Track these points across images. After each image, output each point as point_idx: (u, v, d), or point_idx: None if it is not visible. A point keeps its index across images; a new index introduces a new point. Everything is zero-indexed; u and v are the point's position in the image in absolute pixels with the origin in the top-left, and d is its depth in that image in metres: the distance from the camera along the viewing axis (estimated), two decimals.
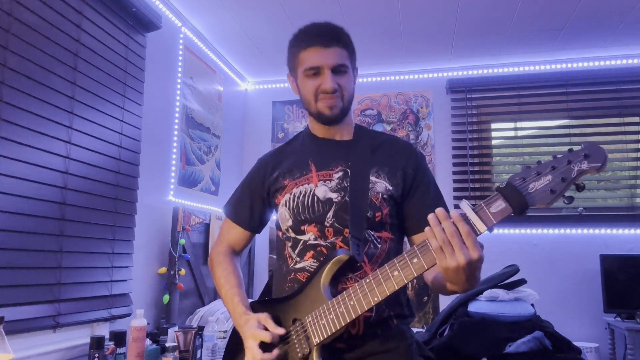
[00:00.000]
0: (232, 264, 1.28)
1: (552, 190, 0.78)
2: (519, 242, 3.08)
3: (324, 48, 1.13)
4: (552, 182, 0.78)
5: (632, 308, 2.64)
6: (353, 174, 1.14)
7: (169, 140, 2.52)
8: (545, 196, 0.78)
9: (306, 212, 1.14)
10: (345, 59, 1.16)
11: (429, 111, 3.37)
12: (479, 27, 2.78)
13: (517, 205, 0.79)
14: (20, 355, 1.49)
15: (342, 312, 0.97)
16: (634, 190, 3.06)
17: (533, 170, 0.80)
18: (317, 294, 1.03)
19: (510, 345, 1.97)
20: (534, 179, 0.79)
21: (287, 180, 1.19)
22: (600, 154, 0.76)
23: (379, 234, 1.13)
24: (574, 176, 0.77)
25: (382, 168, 1.16)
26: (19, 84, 1.55)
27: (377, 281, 0.93)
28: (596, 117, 3.20)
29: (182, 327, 2.02)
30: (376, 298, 0.93)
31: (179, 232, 2.38)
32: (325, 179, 1.16)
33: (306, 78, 1.16)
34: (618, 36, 2.86)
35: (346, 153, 1.18)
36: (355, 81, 1.23)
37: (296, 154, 1.24)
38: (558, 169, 0.79)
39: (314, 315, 1.02)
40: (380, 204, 1.12)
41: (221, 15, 2.65)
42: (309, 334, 1.02)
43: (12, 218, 1.51)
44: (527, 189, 0.79)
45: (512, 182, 0.80)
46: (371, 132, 1.28)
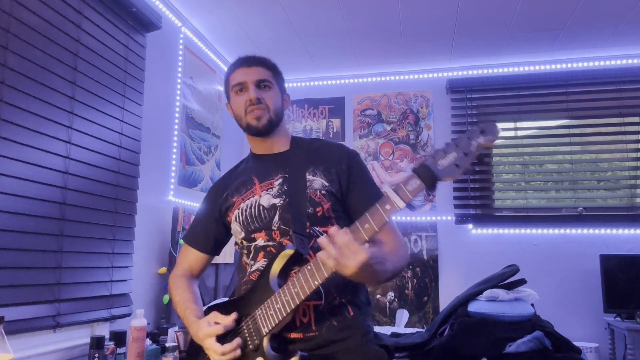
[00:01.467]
0: (186, 283, 1.36)
1: (456, 164, 0.86)
2: (519, 242, 3.08)
3: (247, 67, 1.29)
4: (457, 157, 0.86)
5: (632, 308, 2.64)
6: (290, 177, 1.23)
7: (169, 140, 2.52)
8: (451, 169, 0.86)
9: (254, 221, 1.23)
10: (269, 77, 1.30)
11: (429, 111, 3.37)
12: (479, 27, 2.78)
13: (428, 181, 0.87)
14: (20, 355, 1.49)
15: (287, 300, 1.02)
16: (634, 190, 3.06)
17: (441, 150, 0.88)
18: (266, 288, 1.09)
19: (510, 345, 1.97)
20: (442, 156, 0.87)
21: (235, 197, 1.29)
22: (494, 128, 0.86)
23: (325, 229, 1.18)
24: (473, 150, 0.86)
25: (318, 167, 1.24)
26: (19, 84, 1.55)
27: (317, 266, 0.98)
28: (596, 117, 3.20)
29: (182, 327, 2.02)
30: (317, 282, 0.98)
31: (179, 232, 2.38)
32: (267, 188, 1.25)
33: (235, 96, 1.30)
34: (618, 36, 2.86)
35: (283, 161, 1.28)
36: (283, 102, 1.34)
37: (242, 174, 1.34)
38: (460, 146, 0.86)
39: (263, 308, 1.08)
40: (319, 199, 1.20)
41: (221, 15, 2.65)
42: (259, 325, 1.07)
43: (12, 218, 1.51)
44: (436, 166, 0.87)
45: (424, 162, 0.89)
46: (306, 140, 1.37)
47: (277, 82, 1.33)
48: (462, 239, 3.17)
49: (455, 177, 0.88)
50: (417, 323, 3.09)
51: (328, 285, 1.12)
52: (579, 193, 3.13)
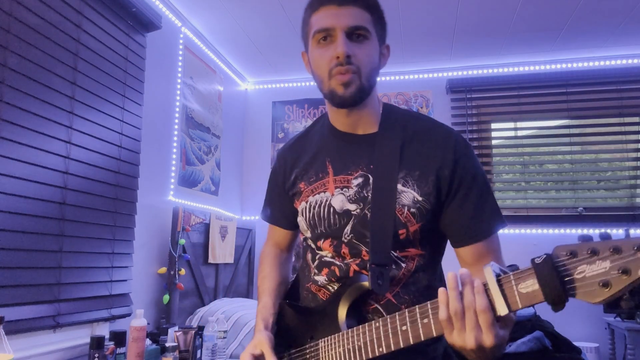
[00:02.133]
0: (271, 264, 1.20)
1: (604, 283, 0.56)
2: (519, 242, 3.07)
3: (338, 7, 0.93)
4: (609, 272, 0.56)
5: (632, 308, 2.64)
6: (376, 181, 0.95)
7: (169, 140, 2.52)
8: (594, 291, 0.56)
9: (322, 224, 1.01)
10: (366, 22, 0.94)
11: (429, 111, 3.37)
12: (479, 27, 2.78)
13: (551, 295, 0.59)
14: (20, 355, 1.49)
15: (349, 350, 0.87)
16: (634, 190, 3.06)
17: (587, 246, 0.59)
18: (333, 319, 0.94)
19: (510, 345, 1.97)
20: (587, 260, 0.58)
21: (303, 183, 1.06)
22: None
23: (404, 254, 0.95)
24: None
25: (412, 173, 0.95)
26: (19, 84, 1.55)
27: (385, 331, 0.81)
28: (596, 117, 3.20)
29: (182, 327, 2.02)
30: (381, 349, 0.81)
31: (179, 232, 2.38)
32: (342, 186, 0.99)
33: (317, 47, 0.96)
34: (618, 36, 2.86)
35: (369, 152, 0.98)
36: (382, 58, 1.02)
37: (313, 150, 1.07)
38: (622, 255, 0.55)
39: (327, 342, 0.93)
40: (406, 219, 0.93)
41: (221, 15, 2.65)
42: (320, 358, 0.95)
43: (12, 218, 1.51)
44: (571, 273, 0.59)
45: (554, 259, 0.60)
46: (402, 116, 1.03)
47: (376, 30, 0.97)
48: None
49: (598, 303, 0.57)
50: None
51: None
52: (579, 193, 3.13)
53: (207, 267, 2.70)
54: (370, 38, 0.95)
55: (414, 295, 0.96)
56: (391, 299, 0.95)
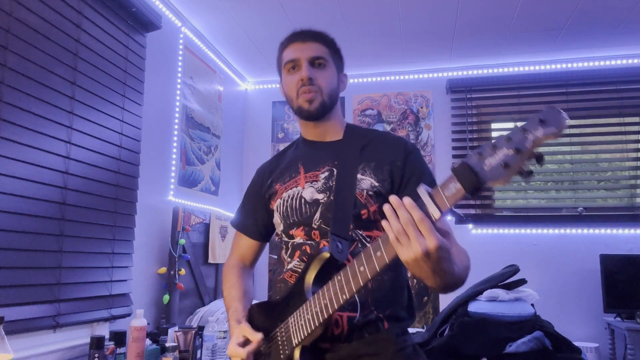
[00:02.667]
0: (236, 275, 1.30)
1: (505, 164, 0.67)
2: (519, 242, 3.08)
3: (302, 43, 1.19)
4: (507, 155, 0.67)
5: (632, 308, 2.64)
6: (339, 172, 1.13)
7: (169, 140, 2.52)
8: (498, 172, 0.67)
9: (294, 214, 1.15)
10: (324, 54, 1.19)
11: (429, 111, 3.37)
12: (479, 27, 2.78)
13: (469, 186, 0.70)
14: (20, 355, 1.49)
15: (317, 312, 0.94)
16: (634, 190, 3.06)
17: (490, 145, 0.69)
18: (300, 294, 1.02)
19: (510, 345, 1.97)
20: (490, 154, 0.68)
21: (278, 184, 1.22)
22: (557, 117, 0.63)
23: (369, 233, 1.10)
24: (528, 146, 0.65)
25: (369, 164, 1.13)
26: (19, 84, 1.55)
27: (346, 278, 0.89)
28: (596, 117, 3.20)
29: (182, 327, 2.02)
30: (345, 296, 0.89)
31: (179, 232, 2.38)
32: (312, 180, 1.16)
33: (287, 75, 1.20)
34: (618, 36, 2.86)
35: (334, 152, 1.18)
36: (339, 83, 1.23)
37: (289, 159, 1.26)
38: (513, 140, 0.67)
39: (295, 316, 1.01)
40: (365, 201, 1.09)
41: (221, 15, 2.65)
42: (290, 334, 1.01)
43: (12, 218, 1.51)
44: (482, 166, 0.69)
45: (467, 161, 0.70)
46: (363, 130, 1.25)
47: (333, 60, 1.21)
48: (462, 239, 3.12)
49: (505, 182, 0.67)
50: (417, 323, 3.09)
51: (365, 296, 1.05)
52: (579, 193, 3.13)
53: (207, 267, 2.70)
54: (328, 66, 1.19)
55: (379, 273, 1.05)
56: None
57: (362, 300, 1.05)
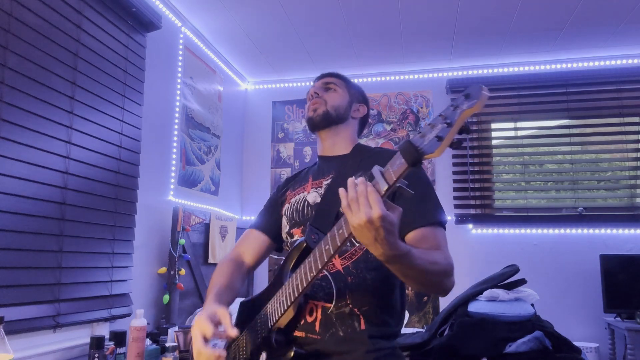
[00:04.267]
0: (228, 268, 1.28)
1: (438, 137, 0.73)
2: (519, 242, 3.08)
3: (321, 79, 1.37)
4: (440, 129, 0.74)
5: (632, 308, 2.64)
6: (335, 177, 1.22)
7: (169, 140, 2.52)
8: (433, 144, 0.74)
9: (297, 215, 1.24)
10: (336, 82, 1.34)
11: (429, 111, 3.37)
12: (479, 27, 2.78)
13: (410, 159, 0.77)
14: (20, 355, 1.49)
15: (289, 293, 1.00)
16: (634, 190, 3.06)
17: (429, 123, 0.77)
18: (279, 283, 1.07)
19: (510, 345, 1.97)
20: (429, 130, 0.76)
21: (289, 191, 1.33)
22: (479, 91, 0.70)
23: None
24: (456, 118, 0.72)
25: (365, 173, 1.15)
26: (19, 84, 1.55)
27: (314, 258, 0.94)
28: (596, 117, 3.20)
29: (182, 327, 2.02)
30: (312, 273, 0.93)
31: (179, 232, 2.38)
32: (317, 187, 1.25)
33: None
34: (618, 36, 2.86)
35: (339, 164, 1.27)
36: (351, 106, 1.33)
37: (305, 173, 1.38)
38: (445, 116, 0.74)
39: (272, 300, 1.07)
40: None
41: (221, 15, 2.65)
42: (267, 318, 1.06)
43: (12, 218, 1.51)
44: (421, 142, 0.76)
45: (410, 139, 0.78)
46: (370, 148, 1.31)
47: (346, 88, 1.35)
48: (462, 239, 3.17)
49: (440, 153, 0.75)
50: (417, 323, 3.09)
51: (343, 289, 1.09)
52: (579, 193, 3.13)
53: (207, 267, 2.70)
54: (337, 90, 1.32)
55: (362, 270, 1.11)
56: (340, 270, 1.12)
57: (338, 292, 1.09)
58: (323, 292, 1.10)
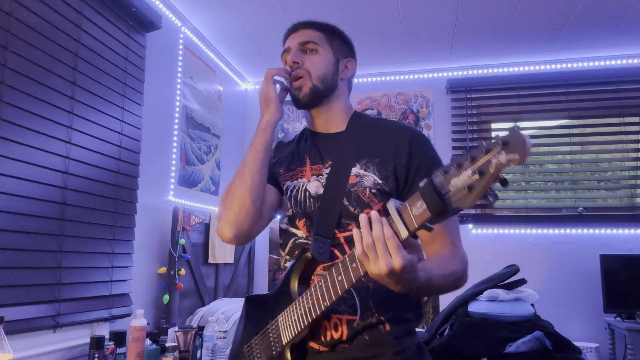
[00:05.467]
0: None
1: (469, 187, 0.63)
2: (519, 242, 3.07)
3: (295, 32, 1.18)
4: (471, 178, 0.63)
5: (632, 308, 2.64)
6: (331, 170, 1.08)
7: (169, 140, 2.52)
8: (463, 196, 0.64)
9: (298, 206, 1.12)
10: (315, 38, 1.14)
11: (429, 111, 3.37)
12: (479, 27, 2.78)
13: (434, 209, 0.67)
14: (20, 355, 1.49)
15: (302, 314, 0.95)
16: (634, 190, 3.06)
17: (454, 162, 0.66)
18: (288, 293, 1.02)
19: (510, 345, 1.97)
20: (455, 173, 0.65)
21: (282, 169, 1.19)
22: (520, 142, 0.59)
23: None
24: (492, 171, 0.61)
25: (372, 159, 1.07)
26: (19, 84, 1.55)
27: (326, 286, 0.88)
28: (596, 117, 3.20)
29: (182, 327, 2.02)
30: (326, 303, 0.88)
31: (179, 232, 2.38)
32: (317, 174, 1.12)
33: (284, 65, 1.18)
34: (618, 36, 2.86)
35: (335, 145, 1.13)
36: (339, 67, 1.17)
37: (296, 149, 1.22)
38: (477, 161, 0.63)
39: (284, 314, 1.01)
40: (369, 199, 1.03)
41: (221, 15, 2.65)
42: (280, 333, 1.01)
43: (12, 218, 1.51)
44: (446, 188, 0.66)
45: (433, 179, 0.67)
46: (367, 119, 1.17)
47: (330, 45, 1.15)
48: (462, 239, 3.14)
49: (470, 205, 0.64)
50: None
51: (366, 298, 1.02)
52: (579, 193, 3.13)
53: (207, 267, 2.70)
54: (320, 50, 1.14)
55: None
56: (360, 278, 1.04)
57: (362, 302, 1.01)
58: (346, 304, 1.01)
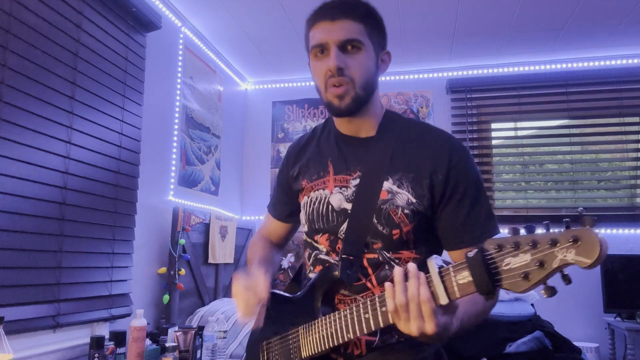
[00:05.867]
0: (263, 243, 1.24)
1: (525, 275, 0.61)
2: None
3: (331, 22, 0.98)
4: (528, 265, 0.61)
5: (632, 308, 2.64)
6: (361, 183, 1.00)
7: (169, 140, 2.52)
8: (516, 282, 0.61)
9: (320, 220, 1.05)
10: (358, 34, 0.98)
11: (429, 111, 3.37)
12: (479, 27, 2.78)
13: (481, 287, 0.64)
14: (20, 355, 1.49)
15: (324, 336, 0.92)
16: (634, 190, 3.06)
17: (512, 240, 0.63)
18: (311, 307, 1.00)
19: (510, 345, 1.97)
20: (511, 252, 0.62)
21: (305, 181, 1.10)
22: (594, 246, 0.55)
23: (398, 255, 0.98)
24: (554, 266, 0.59)
25: (406, 174, 0.98)
26: (19, 84, 1.55)
27: (352, 318, 0.86)
28: (596, 117, 3.20)
29: (182, 327, 2.02)
30: (349, 335, 0.86)
31: (179, 232, 2.38)
32: (341, 185, 1.03)
33: (315, 60, 1.02)
34: (618, 36, 2.86)
35: (365, 153, 1.03)
36: (379, 64, 1.06)
37: (317, 149, 1.12)
38: (539, 249, 0.60)
39: (305, 328, 0.98)
40: (400, 220, 0.96)
41: (221, 15, 2.65)
42: (300, 345, 0.99)
43: (12, 218, 1.51)
44: (498, 266, 0.63)
45: (485, 252, 0.64)
46: (401, 122, 1.07)
47: (371, 40, 1.01)
48: None
49: (520, 291, 0.62)
50: None
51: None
52: (579, 193, 3.13)
53: (207, 267, 2.70)
54: (364, 48, 0.99)
55: None
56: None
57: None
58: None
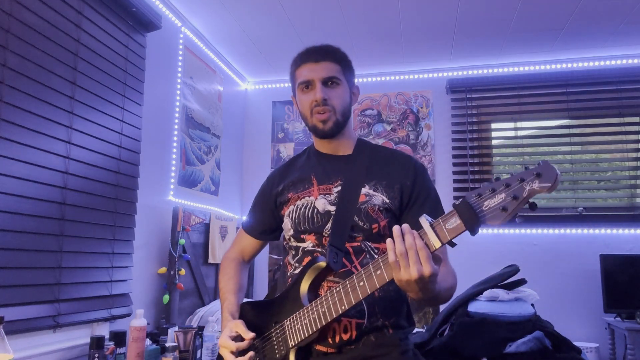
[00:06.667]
0: (234, 269, 1.37)
1: (503, 208, 0.77)
2: (519, 242, 3.07)
3: (315, 63, 1.23)
4: (505, 200, 0.77)
5: (632, 308, 2.64)
6: (343, 187, 1.20)
7: (169, 140, 2.52)
8: (497, 214, 0.78)
9: (306, 222, 1.22)
10: (337, 73, 1.23)
11: (429, 111, 3.37)
12: (479, 27, 2.78)
13: (470, 223, 0.80)
14: (20, 355, 1.49)
15: (314, 318, 1.02)
16: (634, 190, 3.06)
17: (488, 186, 0.79)
18: (296, 298, 1.09)
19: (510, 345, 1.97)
20: (489, 196, 0.79)
21: (291, 193, 1.27)
22: (552, 174, 0.74)
23: (377, 245, 1.18)
24: (525, 195, 0.76)
25: (380, 182, 1.20)
26: (19, 84, 1.55)
27: (345, 291, 0.97)
28: (596, 117, 3.20)
29: (182, 327, 2.02)
30: (344, 307, 0.96)
31: (179, 232, 2.38)
32: (325, 193, 1.22)
33: (301, 94, 1.26)
34: (618, 36, 2.86)
35: (344, 167, 1.25)
36: (352, 97, 1.29)
37: (301, 170, 1.31)
38: (511, 187, 0.77)
39: (292, 319, 1.08)
40: (377, 215, 1.16)
41: (221, 15, 2.65)
42: (287, 336, 1.07)
43: (12, 218, 1.51)
44: (481, 207, 0.79)
45: (468, 200, 0.80)
46: (372, 146, 1.32)
47: (345, 78, 1.26)
48: (462, 238, 3.14)
49: (502, 223, 0.78)
50: (417, 323, 3.09)
51: (373, 305, 1.13)
52: (579, 193, 3.13)
53: (207, 267, 2.70)
54: (341, 84, 1.24)
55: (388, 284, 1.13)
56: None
57: (369, 308, 1.13)
58: (354, 309, 1.09)
